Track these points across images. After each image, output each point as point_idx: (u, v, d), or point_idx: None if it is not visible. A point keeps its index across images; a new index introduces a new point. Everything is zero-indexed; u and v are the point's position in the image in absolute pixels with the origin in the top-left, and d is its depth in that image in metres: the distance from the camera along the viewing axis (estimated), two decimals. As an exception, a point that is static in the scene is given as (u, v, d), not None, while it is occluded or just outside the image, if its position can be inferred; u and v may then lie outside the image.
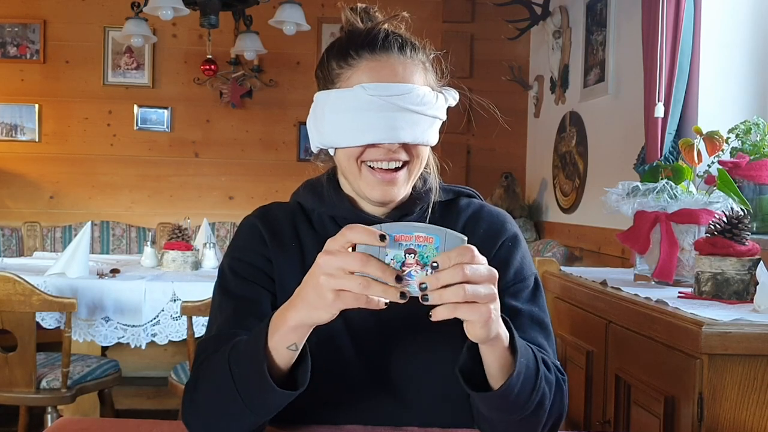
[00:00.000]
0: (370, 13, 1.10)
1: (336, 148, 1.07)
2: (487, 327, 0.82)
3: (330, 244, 0.82)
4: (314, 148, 1.13)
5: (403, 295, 0.79)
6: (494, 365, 0.90)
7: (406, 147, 1.04)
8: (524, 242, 1.16)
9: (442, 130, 1.10)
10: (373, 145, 1.02)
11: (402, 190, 1.06)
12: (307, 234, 1.11)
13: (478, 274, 0.80)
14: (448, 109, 1.10)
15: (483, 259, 0.82)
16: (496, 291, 0.82)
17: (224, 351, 0.95)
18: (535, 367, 0.93)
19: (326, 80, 1.08)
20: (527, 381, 0.91)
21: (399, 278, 0.79)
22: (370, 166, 1.04)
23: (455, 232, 0.81)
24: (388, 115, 1.00)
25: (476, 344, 0.89)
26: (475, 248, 0.81)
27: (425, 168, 1.12)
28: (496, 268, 0.97)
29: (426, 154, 1.09)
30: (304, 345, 0.90)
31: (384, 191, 1.04)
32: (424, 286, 0.78)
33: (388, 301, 0.79)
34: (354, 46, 1.05)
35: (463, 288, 0.79)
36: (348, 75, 1.04)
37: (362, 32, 1.06)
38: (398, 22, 1.09)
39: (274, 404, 0.91)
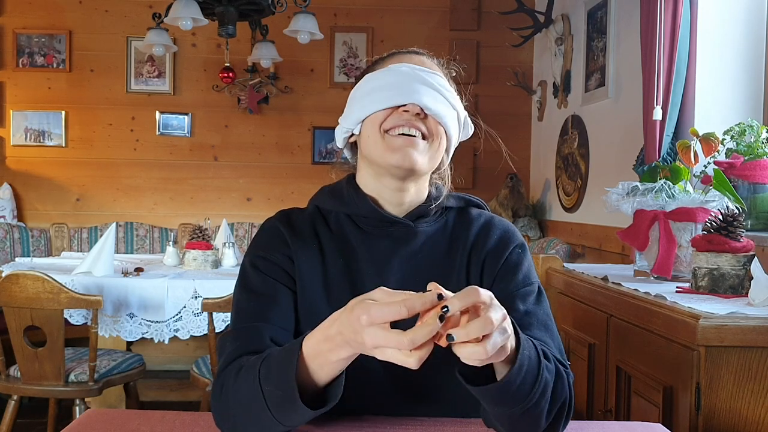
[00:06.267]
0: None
1: (362, 121, 1.11)
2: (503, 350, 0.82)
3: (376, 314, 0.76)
4: (340, 142, 1.18)
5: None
6: (499, 363, 0.88)
7: (426, 122, 1.08)
8: (530, 253, 1.20)
9: (457, 148, 1.17)
10: (395, 110, 1.07)
11: (420, 158, 1.07)
12: (325, 234, 1.14)
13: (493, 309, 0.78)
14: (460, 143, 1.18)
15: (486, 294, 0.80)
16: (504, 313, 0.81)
17: (254, 365, 0.92)
18: (537, 357, 0.91)
19: (358, 80, 1.16)
20: (529, 372, 0.89)
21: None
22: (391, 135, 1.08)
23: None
24: (413, 85, 1.07)
25: None
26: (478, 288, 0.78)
27: (440, 176, 1.20)
28: (506, 271, 1.10)
29: (443, 140, 1.11)
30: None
31: (404, 154, 1.06)
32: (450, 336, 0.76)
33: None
34: (386, 55, 1.17)
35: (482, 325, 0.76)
36: (380, 68, 1.14)
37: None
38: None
39: (306, 419, 0.90)
